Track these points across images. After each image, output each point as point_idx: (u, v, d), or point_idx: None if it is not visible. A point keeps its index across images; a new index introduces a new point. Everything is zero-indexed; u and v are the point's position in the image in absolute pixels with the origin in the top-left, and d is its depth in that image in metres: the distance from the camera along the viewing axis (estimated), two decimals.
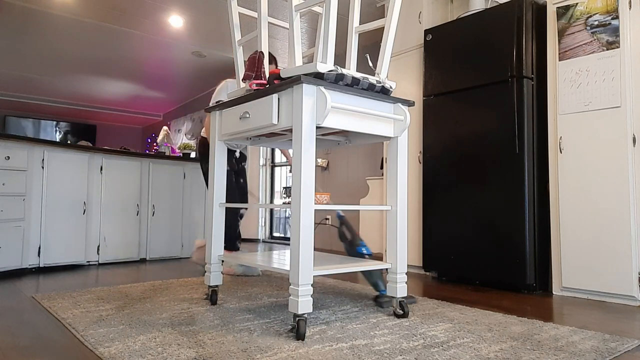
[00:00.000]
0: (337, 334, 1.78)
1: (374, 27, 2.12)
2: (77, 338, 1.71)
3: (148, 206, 4.10)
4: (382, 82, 2.01)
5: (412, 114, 3.54)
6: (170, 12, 4.82)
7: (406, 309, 2.06)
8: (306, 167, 1.74)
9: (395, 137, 2.10)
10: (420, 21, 3.68)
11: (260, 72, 2.04)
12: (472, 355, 1.55)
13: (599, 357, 1.55)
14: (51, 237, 3.42)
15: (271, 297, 2.50)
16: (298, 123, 1.74)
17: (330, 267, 1.93)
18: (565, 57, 2.78)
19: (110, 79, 7.44)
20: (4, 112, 8.94)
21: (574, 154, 2.72)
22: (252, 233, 6.72)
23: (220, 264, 2.29)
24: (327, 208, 1.96)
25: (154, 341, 1.66)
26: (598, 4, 2.65)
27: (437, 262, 3.27)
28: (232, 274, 3.20)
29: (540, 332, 1.85)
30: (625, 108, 2.53)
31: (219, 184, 2.31)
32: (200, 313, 2.10)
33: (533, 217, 2.81)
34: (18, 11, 4.78)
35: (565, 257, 2.71)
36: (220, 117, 2.27)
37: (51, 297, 2.42)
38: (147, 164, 4.12)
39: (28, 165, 3.28)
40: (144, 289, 2.68)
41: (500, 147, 2.92)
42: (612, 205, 2.54)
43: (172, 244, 4.24)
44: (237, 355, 1.52)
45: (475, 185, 3.04)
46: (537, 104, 2.92)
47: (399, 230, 2.08)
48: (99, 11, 4.78)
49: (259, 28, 2.13)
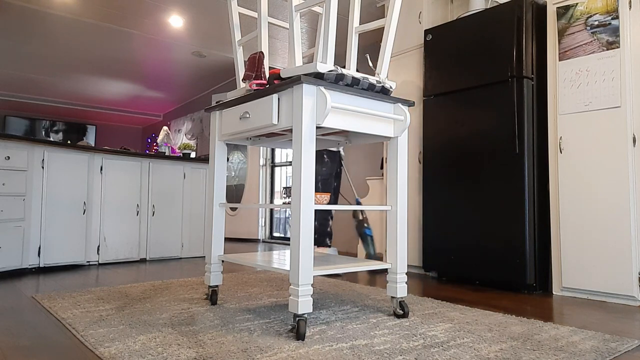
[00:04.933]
0: (337, 334, 1.78)
1: (374, 27, 2.12)
2: (77, 338, 1.71)
3: (148, 206, 4.10)
4: (382, 82, 2.01)
5: (412, 114, 3.54)
6: (170, 12, 4.82)
7: (406, 309, 2.06)
8: (306, 167, 1.74)
9: (395, 137, 2.10)
10: (420, 21, 3.68)
11: (260, 72, 2.04)
12: (472, 355, 1.55)
13: (599, 357, 1.55)
14: (51, 237, 3.42)
15: (271, 297, 2.50)
16: (298, 123, 1.74)
17: (330, 267, 1.93)
18: (565, 57, 2.78)
19: (110, 79, 7.45)
20: (4, 112, 8.94)
21: (574, 154, 2.72)
22: (252, 233, 6.72)
23: (221, 264, 2.29)
24: (327, 208, 1.96)
25: (154, 341, 1.66)
26: (598, 4, 2.65)
27: (437, 262, 3.27)
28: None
29: (540, 332, 1.85)
30: (625, 108, 2.53)
31: (219, 184, 2.31)
32: (200, 313, 2.10)
33: (533, 217, 2.81)
34: (18, 11, 4.78)
35: (565, 257, 2.71)
36: (220, 117, 2.27)
37: (51, 297, 2.42)
38: (147, 164, 4.12)
39: (28, 165, 3.28)
40: (144, 289, 2.68)
41: (500, 147, 2.92)
42: (612, 205, 2.54)
43: (172, 244, 4.24)
44: (237, 355, 1.52)
45: (476, 185, 3.04)
46: (537, 104, 2.92)
47: (399, 230, 2.08)
48: (99, 11, 4.78)
49: (259, 28, 2.13)
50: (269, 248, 5.69)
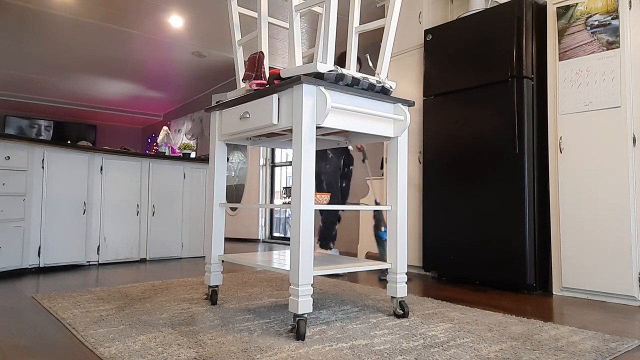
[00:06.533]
0: (337, 334, 1.78)
1: (374, 27, 2.12)
2: (77, 338, 1.71)
3: (148, 206, 4.09)
4: (382, 82, 2.01)
5: (412, 114, 3.54)
6: (170, 12, 4.82)
7: (406, 309, 2.06)
8: (306, 167, 1.74)
9: (395, 137, 2.10)
10: (420, 21, 3.68)
11: (260, 72, 2.04)
12: (472, 355, 1.55)
13: (599, 357, 1.55)
14: (51, 237, 3.42)
15: (271, 297, 2.50)
16: (298, 123, 1.74)
17: (330, 267, 1.93)
18: (565, 57, 2.78)
19: (110, 79, 7.45)
20: (4, 112, 8.94)
21: (574, 154, 2.72)
22: (252, 233, 6.71)
23: (221, 264, 2.29)
24: (327, 208, 1.96)
25: (154, 341, 1.66)
26: (598, 4, 2.65)
27: (437, 262, 3.27)
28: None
29: (540, 332, 1.85)
30: (625, 108, 2.53)
31: (219, 184, 2.31)
32: (200, 313, 2.10)
33: (533, 217, 2.81)
34: (18, 11, 4.78)
35: (565, 257, 2.71)
36: (221, 117, 2.27)
37: (51, 297, 2.42)
38: (147, 164, 4.12)
39: (28, 165, 3.28)
40: (144, 289, 2.68)
41: (500, 147, 2.92)
42: (612, 205, 2.54)
43: (172, 244, 4.24)
44: (237, 355, 1.52)
45: (475, 185, 3.04)
46: (537, 104, 2.92)
47: (399, 230, 2.08)
48: (99, 11, 4.78)
49: (259, 28, 2.13)
50: (269, 248, 5.69)
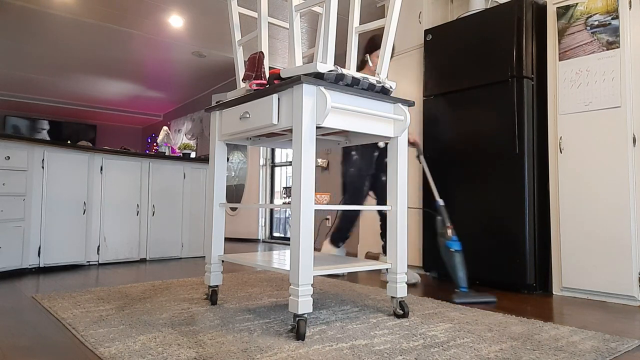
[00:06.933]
0: (337, 334, 1.78)
1: (374, 27, 2.12)
2: (77, 338, 1.71)
3: (148, 206, 4.09)
4: (382, 82, 2.01)
5: (412, 114, 3.54)
6: (170, 12, 4.82)
7: (406, 309, 2.06)
8: (306, 167, 1.74)
9: (395, 137, 2.10)
10: (420, 21, 3.68)
11: (260, 72, 2.04)
12: (472, 355, 1.55)
13: (599, 357, 1.55)
14: (51, 237, 3.42)
15: (271, 297, 2.50)
16: (298, 123, 1.74)
17: (330, 267, 1.93)
18: (565, 57, 2.78)
19: (110, 79, 7.45)
20: (4, 112, 8.94)
21: (574, 154, 2.72)
22: (252, 233, 6.71)
23: (221, 264, 2.29)
24: (327, 208, 1.96)
25: (154, 341, 1.66)
26: (598, 4, 2.65)
27: (437, 262, 3.26)
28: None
29: (540, 332, 1.85)
30: (625, 108, 2.53)
31: (219, 184, 2.31)
32: (200, 313, 2.10)
33: (533, 217, 2.81)
34: (18, 11, 4.78)
35: (565, 257, 2.71)
36: (220, 117, 2.27)
37: (51, 297, 2.42)
38: (147, 164, 4.12)
39: (28, 165, 3.28)
40: (144, 289, 2.68)
41: (500, 147, 2.92)
42: (612, 205, 2.54)
43: (172, 244, 4.24)
44: (237, 355, 1.52)
45: (475, 185, 3.04)
46: (537, 104, 2.92)
47: (399, 230, 2.08)
48: (99, 11, 4.78)
49: (259, 28, 2.13)
50: (269, 248, 5.69)
